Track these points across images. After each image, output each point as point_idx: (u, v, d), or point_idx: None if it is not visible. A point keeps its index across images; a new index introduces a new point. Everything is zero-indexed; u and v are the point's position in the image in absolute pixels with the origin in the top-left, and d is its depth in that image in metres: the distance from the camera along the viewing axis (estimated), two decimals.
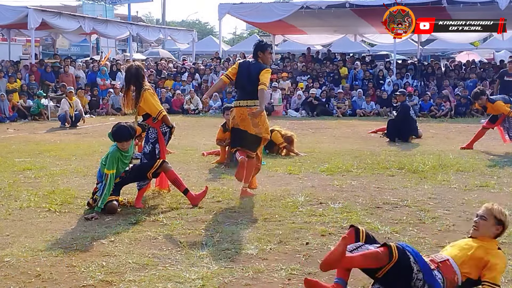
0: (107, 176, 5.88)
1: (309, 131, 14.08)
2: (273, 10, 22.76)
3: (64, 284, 3.99)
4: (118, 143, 6.00)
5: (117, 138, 5.99)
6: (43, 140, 12.15)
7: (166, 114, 6.46)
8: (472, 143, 10.63)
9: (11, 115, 16.74)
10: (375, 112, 18.47)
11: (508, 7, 18.51)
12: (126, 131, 5.98)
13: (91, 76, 20.54)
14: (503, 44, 29.03)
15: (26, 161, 9.08)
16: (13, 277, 4.10)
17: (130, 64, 6.71)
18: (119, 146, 6.00)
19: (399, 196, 6.65)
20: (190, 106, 19.27)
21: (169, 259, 4.48)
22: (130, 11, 41.49)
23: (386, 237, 5.02)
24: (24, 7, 19.59)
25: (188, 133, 13.26)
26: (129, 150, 6.13)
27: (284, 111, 19.04)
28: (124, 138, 5.97)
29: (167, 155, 8.22)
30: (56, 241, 4.94)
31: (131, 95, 6.46)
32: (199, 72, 22.01)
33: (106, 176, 5.89)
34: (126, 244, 4.84)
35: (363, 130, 13.99)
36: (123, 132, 5.97)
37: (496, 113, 10.35)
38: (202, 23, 64.73)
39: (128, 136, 5.99)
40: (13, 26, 22.29)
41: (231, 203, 6.31)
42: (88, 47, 29.46)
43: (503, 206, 6.03)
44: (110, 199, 5.87)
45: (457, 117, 17.32)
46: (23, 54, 27.41)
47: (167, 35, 27.04)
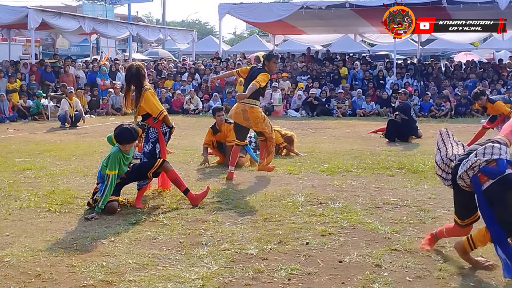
0: (109, 177, 5.86)
1: (309, 131, 14.08)
2: (273, 10, 22.79)
3: (64, 284, 3.99)
4: (120, 145, 5.95)
5: (120, 140, 5.93)
6: (43, 140, 12.15)
7: (167, 114, 6.46)
8: (472, 143, 10.58)
9: (11, 115, 16.75)
10: (375, 112, 18.48)
11: (508, 7, 18.52)
12: (129, 133, 5.92)
13: (91, 76, 20.54)
14: (503, 44, 29.05)
15: (26, 161, 9.08)
16: (13, 277, 4.10)
17: (131, 63, 6.68)
18: (121, 148, 5.96)
19: (399, 196, 6.65)
20: (190, 106, 19.27)
21: (169, 259, 4.48)
22: (130, 11, 41.53)
23: (386, 237, 5.02)
24: (24, 7, 19.59)
25: (188, 133, 13.25)
26: (130, 152, 6.12)
27: (284, 111, 19.05)
28: (127, 140, 5.94)
29: (167, 156, 8.24)
30: (56, 241, 4.93)
31: (131, 95, 6.46)
32: (199, 72, 22.02)
33: (108, 177, 5.86)
34: (126, 244, 4.84)
35: (363, 130, 13.99)
36: (126, 134, 5.92)
37: (496, 113, 10.33)
38: (202, 23, 64.74)
39: (131, 138, 5.95)
40: (13, 26, 22.29)
41: (231, 203, 6.31)
42: (88, 47, 29.44)
43: None
44: (111, 199, 5.87)
45: (457, 117, 17.32)
46: (23, 54, 27.40)
47: (167, 35, 27.05)
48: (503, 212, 3.73)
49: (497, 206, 3.77)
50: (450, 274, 4.14)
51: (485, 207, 3.83)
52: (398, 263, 4.36)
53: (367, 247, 4.76)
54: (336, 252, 4.66)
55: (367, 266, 4.33)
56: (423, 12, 18.22)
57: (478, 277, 4.09)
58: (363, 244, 4.84)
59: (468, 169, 3.86)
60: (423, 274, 4.16)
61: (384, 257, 4.49)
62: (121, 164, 5.99)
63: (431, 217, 5.66)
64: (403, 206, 6.17)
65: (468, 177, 3.90)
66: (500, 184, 3.76)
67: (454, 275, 4.14)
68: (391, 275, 4.13)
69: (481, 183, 3.84)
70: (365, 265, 4.34)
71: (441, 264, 4.34)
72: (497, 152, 3.83)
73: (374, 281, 4.02)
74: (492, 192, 3.78)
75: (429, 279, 4.06)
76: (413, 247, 4.71)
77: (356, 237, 5.06)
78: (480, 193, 3.85)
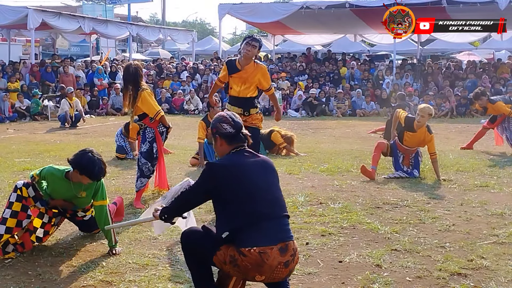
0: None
1: (309, 131, 14.07)
2: (273, 10, 22.78)
3: (64, 284, 3.99)
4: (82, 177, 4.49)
5: (90, 172, 4.47)
6: (43, 140, 12.15)
7: (163, 114, 6.44)
8: (472, 143, 10.63)
9: (11, 115, 16.75)
10: (375, 112, 18.48)
11: (508, 7, 18.51)
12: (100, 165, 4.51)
13: (91, 76, 20.53)
14: (502, 44, 29.05)
15: (26, 161, 9.08)
16: (13, 277, 4.10)
17: (129, 63, 6.64)
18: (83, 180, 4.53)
19: (399, 196, 6.65)
20: (190, 107, 19.26)
21: (169, 259, 4.49)
22: (130, 11, 41.55)
23: (386, 237, 5.03)
24: (24, 7, 19.58)
25: (188, 133, 13.24)
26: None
27: (284, 111, 19.04)
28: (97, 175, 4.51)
29: (166, 156, 8.25)
30: (56, 241, 4.93)
31: (128, 95, 6.40)
32: (199, 72, 22.01)
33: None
34: (126, 244, 4.84)
35: (363, 130, 13.99)
36: (98, 167, 4.48)
37: (496, 113, 10.34)
38: (204, 23, 64.67)
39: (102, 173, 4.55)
40: (13, 27, 22.29)
41: None
42: (88, 47, 29.46)
43: (503, 206, 6.07)
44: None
45: (457, 117, 17.32)
46: (23, 54, 27.42)
47: (167, 35, 27.05)
48: None
49: None
50: (450, 274, 4.14)
51: None
52: (398, 263, 4.36)
53: (367, 247, 4.76)
54: (336, 252, 4.66)
55: (367, 266, 4.33)
56: (423, 12, 18.18)
57: (478, 277, 4.09)
58: (363, 244, 4.84)
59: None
60: (423, 274, 4.16)
61: (384, 257, 4.50)
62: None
63: (431, 217, 5.66)
64: (403, 206, 6.17)
65: None
66: None
67: (454, 275, 4.14)
68: (391, 275, 4.13)
69: None
70: (365, 265, 4.34)
71: (441, 264, 4.34)
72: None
73: (374, 281, 4.02)
74: None
75: (429, 279, 4.07)
76: (413, 247, 4.71)
77: (356, 237, 5.06)
78: None
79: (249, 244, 3.18)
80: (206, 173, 3.40)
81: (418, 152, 7.98)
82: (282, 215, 3.37)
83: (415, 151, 7.93)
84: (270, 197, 3.36)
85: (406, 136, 7.78)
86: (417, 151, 7.96)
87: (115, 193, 6.64)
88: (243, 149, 3.48)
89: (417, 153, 7.97)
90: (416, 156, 7.95)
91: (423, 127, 7.64)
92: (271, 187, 3.41)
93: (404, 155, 7.93)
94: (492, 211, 5.90)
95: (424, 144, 7.80)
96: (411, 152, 7.90)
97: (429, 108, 7.71)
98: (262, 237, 3.21)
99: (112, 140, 10.35)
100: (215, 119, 3.56)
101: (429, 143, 7.70)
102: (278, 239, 3.24)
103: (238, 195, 3.27)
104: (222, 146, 3.51)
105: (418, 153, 7.99)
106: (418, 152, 7.99)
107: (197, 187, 3.44)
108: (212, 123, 3.57)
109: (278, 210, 3.37)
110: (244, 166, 3.37)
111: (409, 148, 7.86)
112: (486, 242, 4.88)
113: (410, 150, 7.88)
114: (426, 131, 7.67)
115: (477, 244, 4.82)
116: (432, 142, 7.71)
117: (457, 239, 4.98)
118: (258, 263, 3.17)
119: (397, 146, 7.97)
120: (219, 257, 3.29)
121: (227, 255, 3.24)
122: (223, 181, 3.30)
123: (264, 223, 3.25)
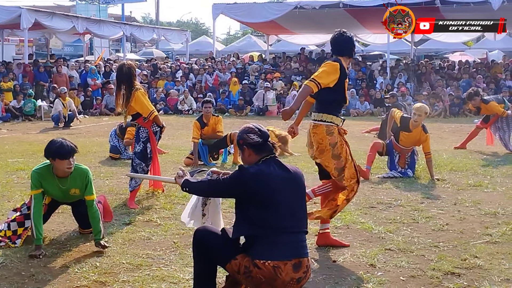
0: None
1: (304, 131, 14.04)
2: (266, 10, 22.80)
3: (58, 285, 3.98)
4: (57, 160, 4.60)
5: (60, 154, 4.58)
6: (36, 140, 12.09)
7: (157, 114, 6.43)
8: (466, 142, 10.67)
9: (4, 115, 16.67)
10: (369, 112, 18.51)
11: (503, 8, 18.56)
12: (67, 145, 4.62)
13: (84, 76, 20.47)
14: (496, 44, 29.16)
15: (19, 161, 9.04)
16: (7, 278, 4.08)
17: (122, 63, 6.62)
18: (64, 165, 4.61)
19: (393, 195, 6.66)
20: (184, 107, 19.22)
21: (163, 259, 4.48)
22: (124, 11, 41.45)
23: (380, 236, 5.04)
24: (17, 7, 19.48)
25: (182, 133, 13.23)
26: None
27: (278, 111, 19.03)
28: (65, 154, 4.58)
29: (160, 156, 8.23)
30: (50, 242, 4.92)
31: (121, 94, 6.39)
32: (193, 72, 21.99)
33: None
34: (119, 245, 4.82)
35: (357, 130, 14.00)
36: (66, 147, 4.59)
37: (490, 113, 10.39)
38: (199, 23, 64.53)
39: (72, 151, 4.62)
40: (6, 26, 22.18)
41: (226, 203, 6.29)
42: (82, 47, 29.36)
43: (496, 205, 6.10)
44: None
45: (451, 117, 17.37)
46: (16, 54, 27.29)
47: (161, 35, 27.01)
48: None
49: None
50: (444, 274, 4.16)
51: None
52: (392, 263, 4.37)
53: (361, 247, 4.76)
54: (330, 251, 4.67)
55: (361, 265, 4.34)
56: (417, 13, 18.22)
57: (472, 277, 4.11)
58: (357, 244, 4.85)
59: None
60: (416, 273, 4.17)
61: (378, 256, 4.50)
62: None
63: (425, 217, 5.68)
64: (397, 205, 6.18)
65: None
66: None
67: (447, 274, 4.15)
68: (385, 275, 4.14)
69: None
70: (359, 265, 4.35)
71: (434, 263, 4.35)
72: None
73: (368, 280, 4.03)
74: None
75: (422, 279, 4.08)
76: (407, 247, 4.72)
77: (350, 236, 5.07)
78: None
79: (264, 257, 3.19)
80: (236, 178, 3.38)
81: (414, 151, 8.03)
82: (301, 230, 3.38)
83: (411, 150, 7.97)
84: (292, 211, 3.36)
85: (402, 136, 7.82)
86: (413, 150, 8.00)
87: (109, 193, 6.64)
88: (272, 158, 3.50)
89: (413, 152, 8.02)
90: (412, 155, 8.00)
91: (419, 127, 7.69)
92: (296, 201, 3.41)
93: (400, 154, 7.97)
94: (485, 210, 5.93)
95: (420, 144, 7.85)
96: (407, 152, 7.94)
97: (425, 107, 7.80)
98: (278, 251, 3.22)
99: (106, 140, 10.33)
100: (241, 131, 3.55)
101: (424, 142, 7.75)
102: (293, 255, 3.25)
103: (263, 204, 3.28)
104: (250, 156, 3.50)
105: (414, 152, 8.04)
106: (414, 151, 8.04)
107: (225, 187, 3.43)
108: (238, 135, 3.55)
109: (298, 225, 3.38)
110: (273, 177, 3.37)
111: (405, 147, 7.90)
112: (479, 242, 4.90)
113: (406, 150, 7.92)
114: (421, 131, 7.72)
115: (470, 244, 4.84)
116: (428, 141, 7.75)
117: (451, 238, 5.00)
118: (271, 277, 3.18)
119: (393, 145, 8.01)
120: (233, 266, 3.30)
121: (241, 265, 3.25)
122: (251, 189, 3.30)
123: (282, 237, 3.26)
